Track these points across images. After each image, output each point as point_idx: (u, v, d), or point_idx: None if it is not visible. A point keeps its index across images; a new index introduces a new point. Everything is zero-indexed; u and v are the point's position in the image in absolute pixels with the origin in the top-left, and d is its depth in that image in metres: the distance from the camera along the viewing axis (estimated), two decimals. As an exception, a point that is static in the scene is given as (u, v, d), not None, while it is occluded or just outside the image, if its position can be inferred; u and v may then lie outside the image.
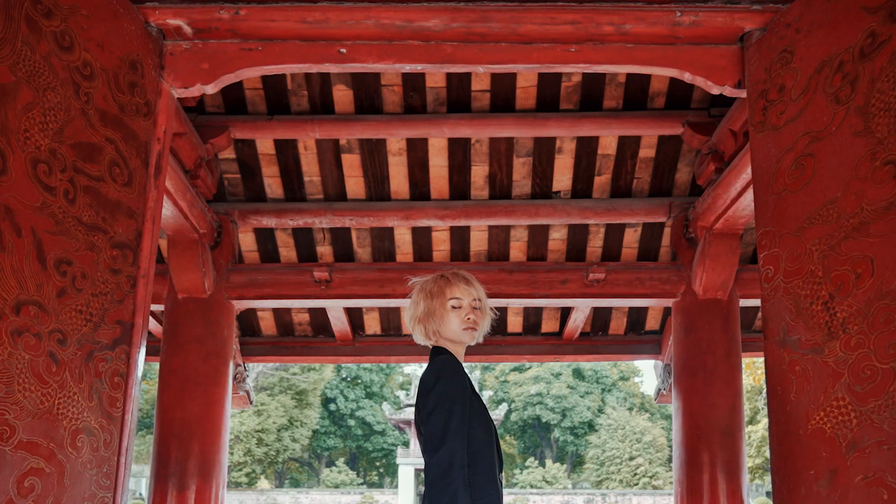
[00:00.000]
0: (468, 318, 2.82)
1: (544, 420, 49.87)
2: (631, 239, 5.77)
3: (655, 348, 6.44)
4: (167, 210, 4.51)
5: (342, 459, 49.19)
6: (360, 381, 50.35)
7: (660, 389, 6.28)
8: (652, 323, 6.45)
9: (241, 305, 5.36)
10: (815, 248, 2.74)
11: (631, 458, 46.18)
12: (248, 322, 6.38)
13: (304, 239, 5.68)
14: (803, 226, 2.78)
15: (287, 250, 5.74)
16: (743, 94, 3.24)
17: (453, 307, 2.83)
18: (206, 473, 5.01)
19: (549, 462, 48.00)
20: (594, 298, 5.35)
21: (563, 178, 5.37)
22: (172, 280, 5.08)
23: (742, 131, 4.44)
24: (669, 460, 49.64)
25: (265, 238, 5.68)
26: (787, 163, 2.86)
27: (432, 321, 2.86)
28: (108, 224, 2.76)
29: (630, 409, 51.24)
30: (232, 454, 41.62)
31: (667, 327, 6.28)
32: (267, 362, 6.68)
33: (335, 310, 5.82)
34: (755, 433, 34.01)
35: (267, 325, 6.39)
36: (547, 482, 44.70)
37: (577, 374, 51.45)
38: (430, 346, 2.95)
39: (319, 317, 6.31)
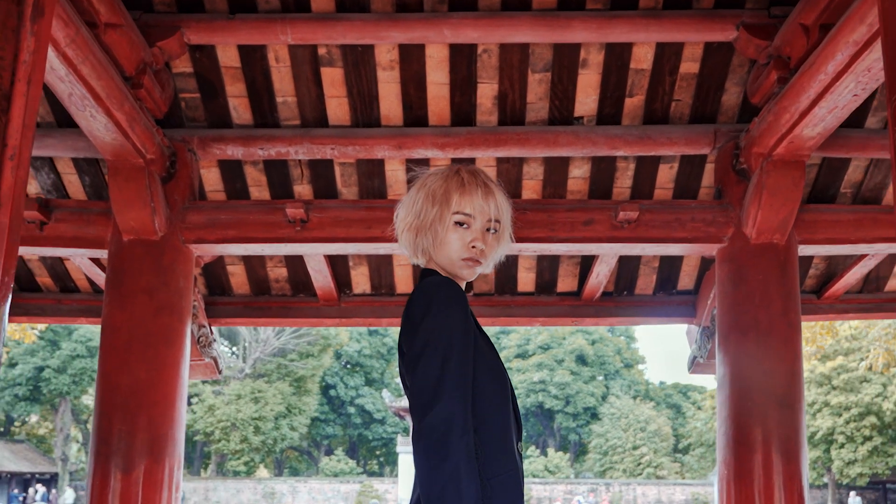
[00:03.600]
0: (473, 247, 1.95)
1: (547, 407, 49.12)
2: (665, 178, 4.88)
3: (689, 311, 5.55)
4: (100, 123, 3.63)
5: (341, 448, 48.46)
6: (360, 367, 49.54)
7: (695, 357, 5.40)
8: (685, 281, 5.57)
9: (200, 250, 4.47)
10: None
11: (635, 448, 45.49)
12: (216, 279, 5.50)
13: (278, 176, 4.79)
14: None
15: (259, 190, 4.86)
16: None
17: (458, 224, 1.96)
18: (158, 451, 4.14)
19: (551, 451, 47.29)
20: (624, 243, 4.46)
21: (587, 99, 4.48)
22: (115, 217, 4.20)
23: (818, 24, 3.55)
24: (674, 450, 48.96)
25: (233, 175, 4.80)
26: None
27: (425, 235, 1.99)
28: (-52, 71, 1.88)
29: (634, 398, 50.48)
30: (229, 442, 40.83)
31: (703, 286, 5.39)
32: (238, 325, 5.81)
33: (316, 261, 4.94)
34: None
35: (238, 282, 5.51)
36: (549, 471, 43.99)
37: (581, 360, 50.66)
38: (420, 267, 2.10)
39: (299, 272, 5.43)
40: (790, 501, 4.12)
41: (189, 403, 42.77)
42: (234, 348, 46.04)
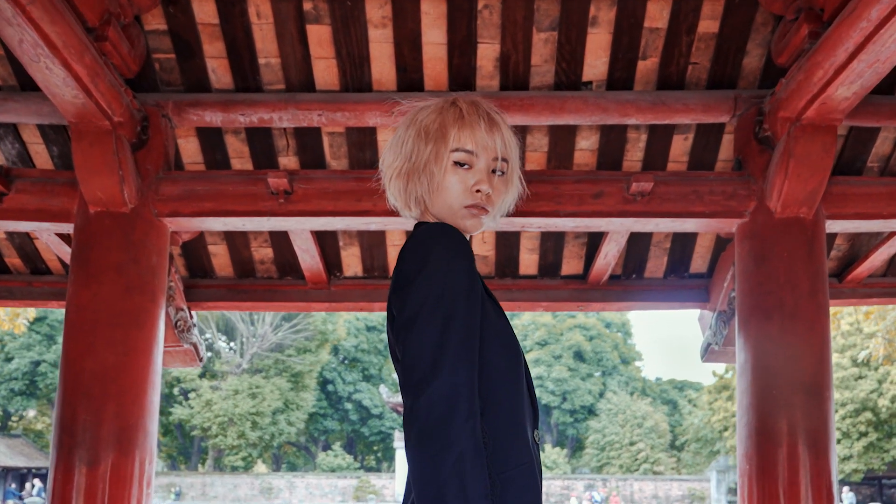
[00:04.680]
0: (477, 191, 1.60)
1: (544, 403, 48.83)
2: (679, 150, 4.52)
3: (702, 295, 5.20)
4: (58, 78, 3.26)
5: (339, 443, 48.11)
6: (357, 363, 49.17)
7: (709, 345, 5.05)
8: (698, 264, 5.21)
9: (175, 224, 4.10)
10: None
11: (632, 444, 45.22)
12: (197, 260, 5.13)
13: (261, 146, 4.43)
14: None
15: (241, 162, 4.50)
16: None
17: (457, 164, 1.60)
18: (126, 443, 3.78)
19: (548, 447, 47.00)
20: (636, 218, 4.10)
21: (596, 62, 4.12)
22: (81, 187, 3.84)
23: (857, -33, 3.19)
24: (671, 446, 48.71)
25: (212, 145, 4.43)
26: None
27: (419, 180, 1.64)
28: None
29: (631, 394, 50.20)
30: (226, 437, 40.47)
31: (718, 268, 5.05)
32: (221, 309, 5.45)
33: (303, 239, 4.58)
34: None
35: (221, 263, 5.14)
36: (547, 467, 43.70)
37: (578, 356, 50.37)
38: (414, 221, 1.75)
39: (285, 253, 5.06)
40: (818, 499, 3.77)
41: (186, 398, 42.43)
42: (232, 343, 45.70)
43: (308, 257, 4.80)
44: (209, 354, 43.70)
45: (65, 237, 4.52)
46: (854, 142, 4.45)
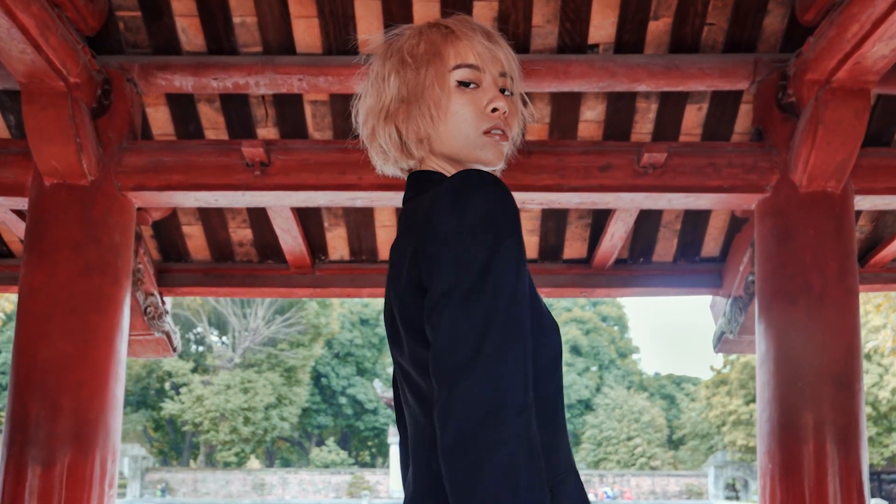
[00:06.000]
0: (493, 110, 1.26)
1: (541, 398, 48.67)
2: (692, 121, 4.17)
3: (714, 280, 4.84)
4: (2, 29, 2.88)
5: (332, 439, 47.77)
6: (351, 357, 48.82)
7: (723, 333, 4.70)
8: (710, 247, 4.85)
9: (141, 200, 3.73)
10: None
11: (629, 439, 45.01)
12: (170, 241, 4.76)
13: (238, 115, 4.06)
14: None
15: (216, 133, 4.13)
16: None
17: (461, 85, 1.26)
18: (86, 441, 3.42)
19: (545, 441, 46.77)
20: (647, 193, 3.74)
21: (604, 23, 3.76)
22: (34, 156, 3.46)
23: None
24: (668, 441, 48.53)
25: (184, 114, 4.06)
26: None
27: (419, 112, 1.27)
28: None
29: (628, 388, 49.98)
30: (218, 433, 40.09)
31: (732, 252, 4.70)
32: (197, 295, 5.10)
33: (283, 219, 4.21)
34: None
35: (196, 245, 4.77)
36: (543, 462, 43.43)
37: (575, 350, 50.13)
38: (409, 175, 1.38)
39: (266, 234, 4.69)
40: (848, 500, 3.44)
41: (178, 393, 42.02)
42: (224, 337, 45.29)
43: (290, 238, 4.43)
44: (201, 349, 43.32)
45: (23, 215, 4.15)
46: (882, 112, 4.10)
